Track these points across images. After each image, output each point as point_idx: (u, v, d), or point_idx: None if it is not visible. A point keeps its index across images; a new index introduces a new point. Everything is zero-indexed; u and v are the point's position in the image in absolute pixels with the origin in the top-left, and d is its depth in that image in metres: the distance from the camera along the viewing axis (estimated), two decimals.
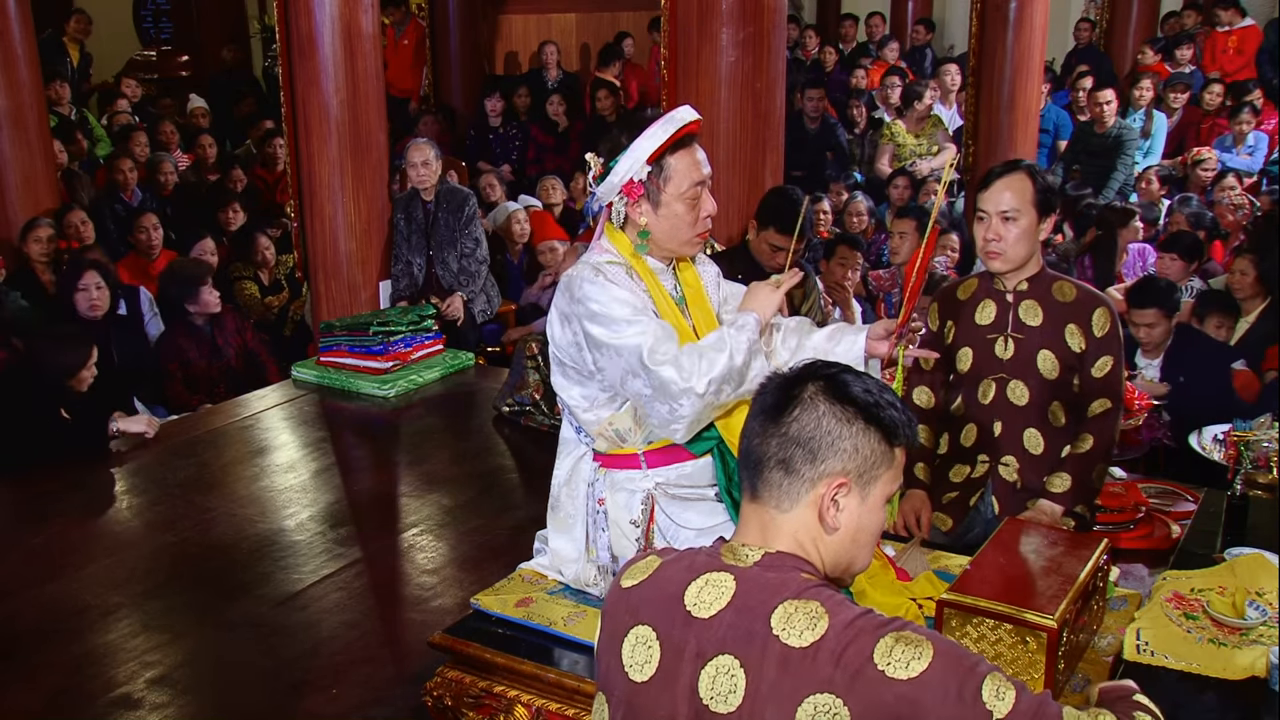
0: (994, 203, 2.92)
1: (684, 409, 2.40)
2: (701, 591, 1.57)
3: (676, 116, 2.48)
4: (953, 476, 3.12)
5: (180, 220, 7.13)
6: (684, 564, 1.62)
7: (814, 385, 1.60)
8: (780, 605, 1.51)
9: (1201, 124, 8.67)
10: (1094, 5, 11.61)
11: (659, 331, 2.41)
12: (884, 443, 1.59)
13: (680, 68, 4.95)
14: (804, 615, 1.49)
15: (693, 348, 2.42)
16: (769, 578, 1.55)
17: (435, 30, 9.78)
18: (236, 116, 9.91)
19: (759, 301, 2.55)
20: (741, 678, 1.50)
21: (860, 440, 1.58)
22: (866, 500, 1.60)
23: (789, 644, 1.47)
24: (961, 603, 2.24)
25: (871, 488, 1.60)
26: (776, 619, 1.50)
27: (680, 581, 1.59)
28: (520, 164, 8.79)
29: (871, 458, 1.59)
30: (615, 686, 1.62)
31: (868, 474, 1.59)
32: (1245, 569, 2.59)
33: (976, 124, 7.44)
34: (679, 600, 1.57)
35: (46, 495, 3.98)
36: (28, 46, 6.28)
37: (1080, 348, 2.97)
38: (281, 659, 2.96)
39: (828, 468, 1.58)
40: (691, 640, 1.54)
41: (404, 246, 5.81)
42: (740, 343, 2.43)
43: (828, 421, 1.58)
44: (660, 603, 1.59)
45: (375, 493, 4.08)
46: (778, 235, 4.44)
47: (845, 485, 1.58)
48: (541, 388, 4.37)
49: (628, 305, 2.43)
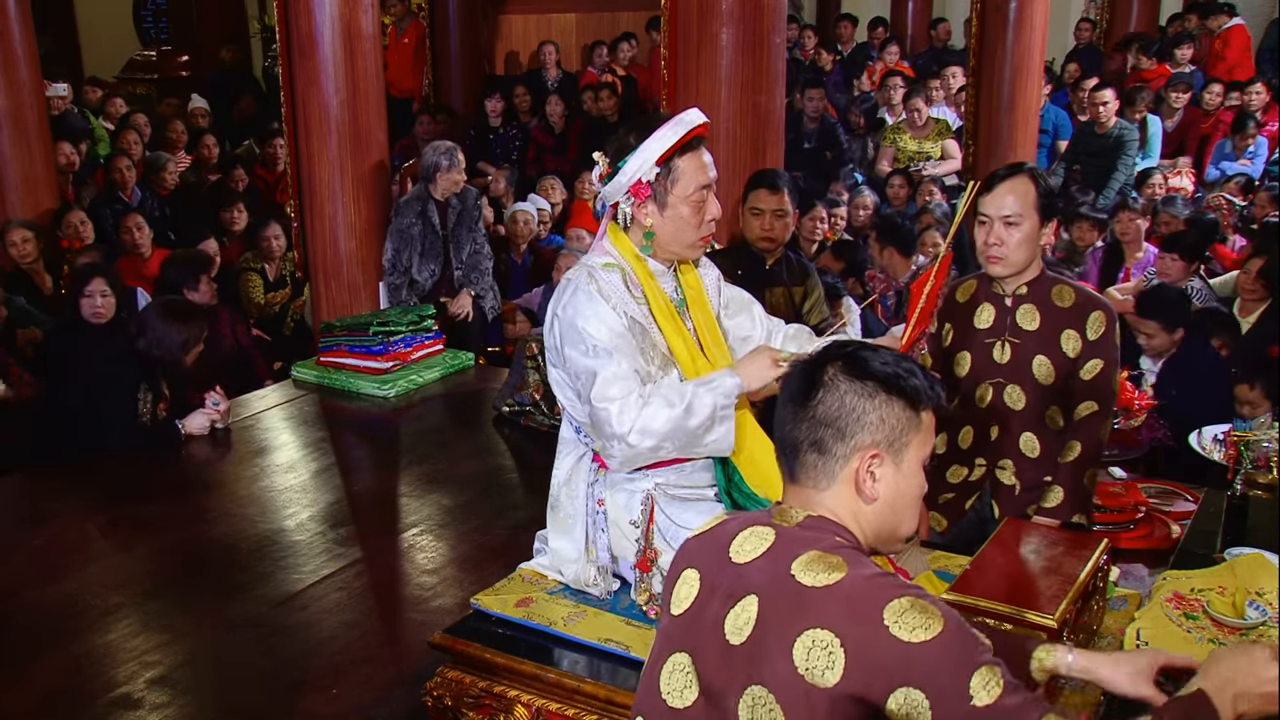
0: (996, 207, 2.91)
1: (613, 450, 2.42)
2: (745, 541, 1.66)
3: (685, 119, 2.48)
4: (949, 477, 3.12)
5: (181, 220, 7.12)
6: (742, 519, 1.73)
7: (833, 366, 1.66)
8: (805, 553, 1.59)
9: (1202, 124, 8.67)
10: (1094, 5, 11.61)
11: (618, 369, 2.40)
12: (908, 409, 1.66)
13: (680, 68, 4.95)
14: (824, 564, 1.56)
15: (644, 394, 2.39)
16: (805, 535, 1.63)
17: (435, 30, 9.77)
18: (236, 116, 9.91)
19: (751, 370, 2.45)
20: (755, 611, 1.58)
21: (885, 411, 1.64)
22: (901, 466, 1.67)
23: (803, 582, 1.55)
24: (962, 603, 2.24)
25: (904, 454, 1.66)
26: (798, 564, 1.58)
27: (732, 532, 1.69)
28: (520, 164, 8.79)
29: (898, 426, 1.65)
30: (661, 619, 1.75)
31: (898, 441, 1.65)
32: (1245, 569, 2.59)
33: (976, 124, 7.44)
34: (725, 548, 1.67)
35: (47, 495, 3.98)
36: (28, 46, 6.28)
37: (1075, 352, 2.95)
38: (281, 659, 2.96)
39: (858, 441, 1.64)
40: (725, 581, 1.64)
41: (406, 253, 5.70)
42: (704, 404, 2.39)
43: (851, 399, 1.64)
44: (710, 549, 1.70)
45: (375, 493, 4.08)
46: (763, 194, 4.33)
47: (878, 456, 1.65)
48: (541, 388, 4.37)
49: (606, 328, 2.43)
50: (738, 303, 2.77)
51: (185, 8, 11.48)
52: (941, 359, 3.10)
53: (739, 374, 2.44)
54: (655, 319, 2.51)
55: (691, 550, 1.75)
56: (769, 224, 4.24)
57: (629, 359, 2.43)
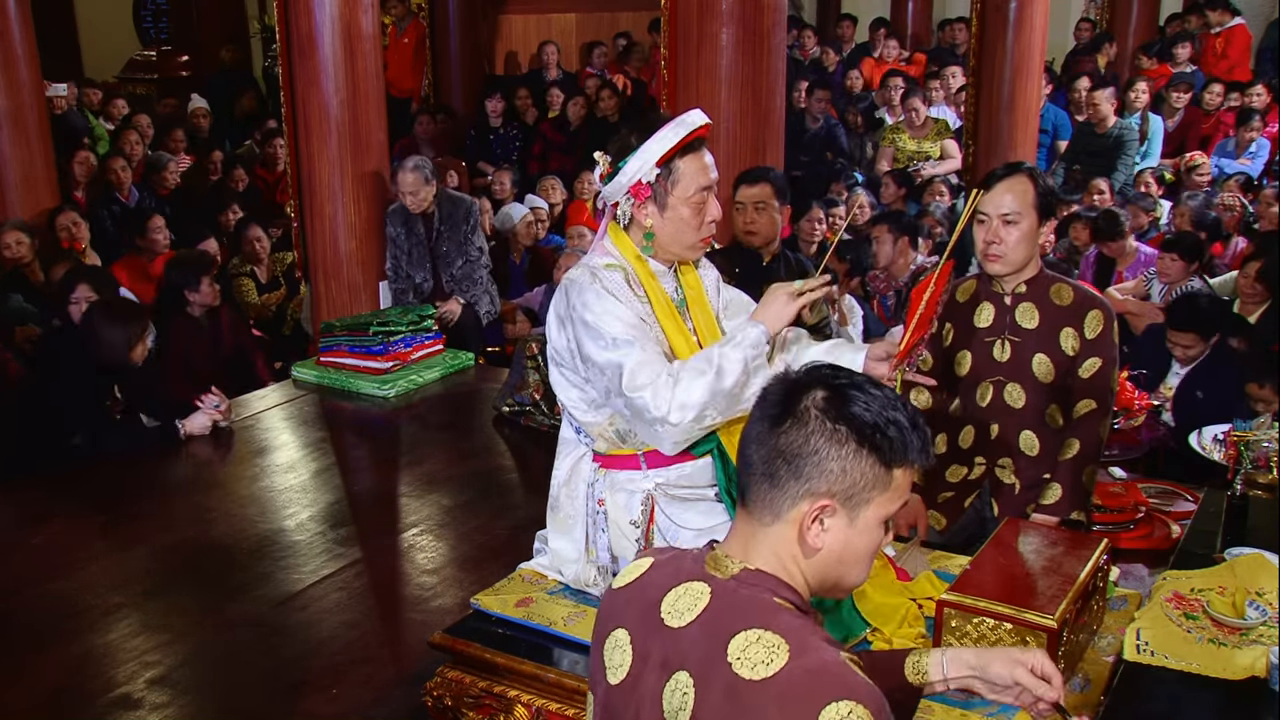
0: (995, 205, 2.91)
1: (663, 434, 2.40)
2: (679, 600, 1.53)
3: (688, 120, 2.47)
4: (949, 476, 3.12)
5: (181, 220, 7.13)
6: (670, 569, 1.58)
7: (815, 395, 1.50)
8: (742, 632, 1.44)
9: (1203, 124, 8.66)
10: (1094, 5, 11.61)
11: (643, 355, 2.38)
12: (878, 465, 1.48)
13: (680, 68, 4.95)
14: (763, 647, 1.42)
15: (673, 372, 2.37)
16: (741, 595, 1.49)
17: (435, 30, 9.78)
18: (236, 116, 9.91)
19: (771, 311, 2.43)
20: (692, 698, 1.46)
21: (850, 463, 1.47)
22: (856, 522, 1.50)
23: (740, 674, 1.41)
24: (962, 603, 2.24)
25: (862, 510, 1.50)
26: (735, 646, 1.44)
27: (662, 587, 1.56)
28: (521, 164, 8.79)
29: (861, 481, 1.48)
30: (597, 686, 1.61)
31: (857, 496, 1.49)
32: (1245, 569, 2.59)
33: (976, 124, 7.45)
34: (656, 606, 1.54)
35: (46, 495, 3.98)
36: (28, 46, 6.28)
37: (1074, 351, 2.96)
38: (281, 659, 2.97)
39: (812, 487, 1.48)
40: (658, 648, 1.52)
41: (403, 260, 5.72)
42: (733, 361, 2.35)
43: (817, 439, 1.47)
44: (639, 607, 1.56)
45: (375, 493, 4.08)
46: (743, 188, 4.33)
47: (829, 507, 1.49)
48: (541, 388, 4.37)
49: (620, 321, 2.41)
50: (737, 304, 2.77)
51: (185, 8, 11.48)
52: (942, 358, 3.10)
53: (761, 319, 2.42)
54: (657, 319, 2.51)
55: (619, 607, 1.60)
56: (750, 217, 4.25)
57: (651, 344, 2.42)
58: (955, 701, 2.21)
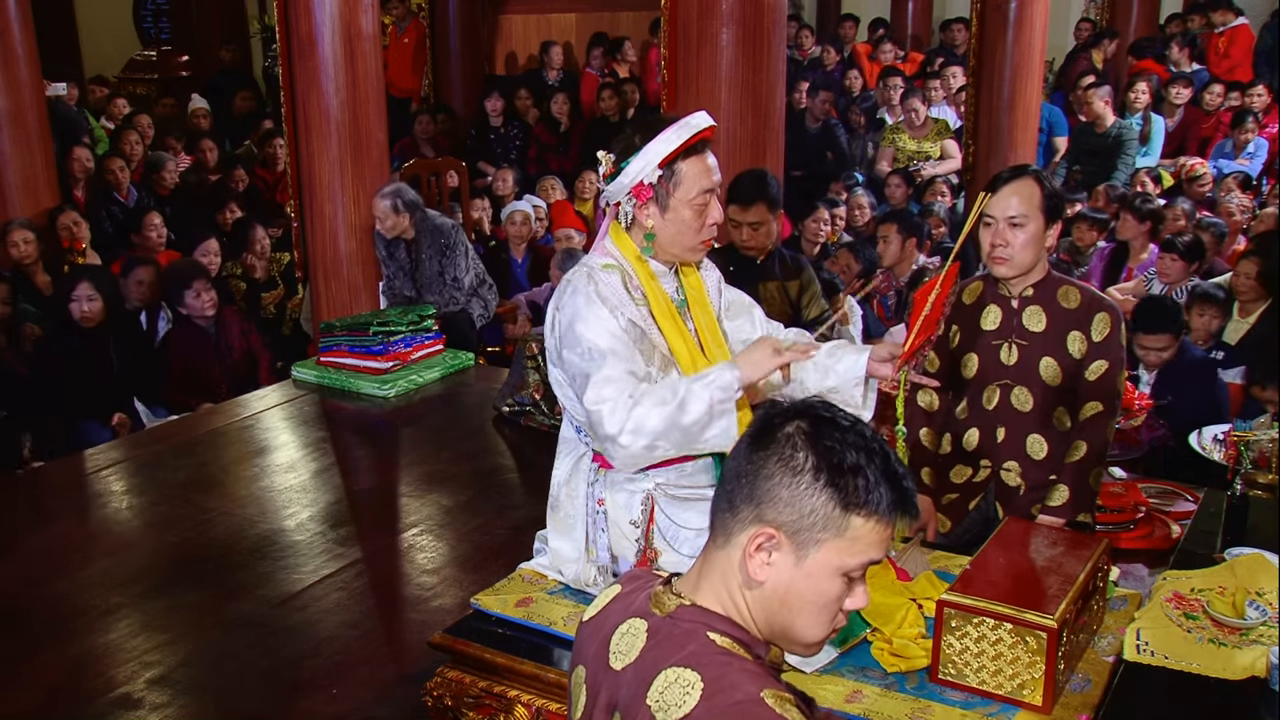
0: (1001, 208, 2.90)
1: (613, 453, 2.41)
2: (622, 639, 1.49)
3: (692, 122, 2.46)
4: (954, 477, 3.12)
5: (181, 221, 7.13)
6: (625, 603, 1.54)
7: (797, 423, 1.43)
8: (663, 672, 1.40)
9: (1203, 124, 8.66)
10: (1094, 5, 11.61)
11: (612, 371, 2.38)
12: (833, 506, 1.39)
13: (680, 68, 4.95)
14: (680, 688, 1.37)
15: (636, 394, 2.36)
16: (675, 632, 1.44)
17: (435, 30, 9.79)
18: (236, 116, 9.91)
19: (751, 360, 2.38)
20: None
21: (803, 496, 1.40)
22: (803, 564, 1.42)
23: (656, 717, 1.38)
24: (962, 603, 2.24)
25: (810, 550, 1.41)
26: (655, 688, 1.39)
27: (614, 624, 1.51)
28: (521, 164, 8.80)
29: (812, 518, 1.40)
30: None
31: (805, 534, 1.40)
32: (1245, 569, 2.59)
33: (976, 124, 7.44)
34: (606, 644, 1.51)
35: (46, 495, 3.98)
36: (28, 46, 6.29)
37: (1081, 354, 2.95)
38: (281, 659, 2.96)
39: (761, 513, 1.42)
40: (604, 689, 1.49)
41: (393, 277, 5.77)
42: (699, 399, 2.32)
43: (774, 464, 1.41)
44: (596, 644, 1.53)
45: (375, 493, 4.08)
46: (735, 210, 4.35)
47: (774, 538, 1.41)
48: (541, 388, 4.37)
49: (604, 332, 2.42)
50: (738, 305, 2.77)
51: (185, 8, 11.49)
52: (948, 360, 3.10)
53: (739, 365, 2.38)
54: (655, 320, 2.51)
55: (584, 641, 1.57)
56: (746, 236, 4.27)
57: (625, 361, 2.42)
58: (955, 701, 2.22)
